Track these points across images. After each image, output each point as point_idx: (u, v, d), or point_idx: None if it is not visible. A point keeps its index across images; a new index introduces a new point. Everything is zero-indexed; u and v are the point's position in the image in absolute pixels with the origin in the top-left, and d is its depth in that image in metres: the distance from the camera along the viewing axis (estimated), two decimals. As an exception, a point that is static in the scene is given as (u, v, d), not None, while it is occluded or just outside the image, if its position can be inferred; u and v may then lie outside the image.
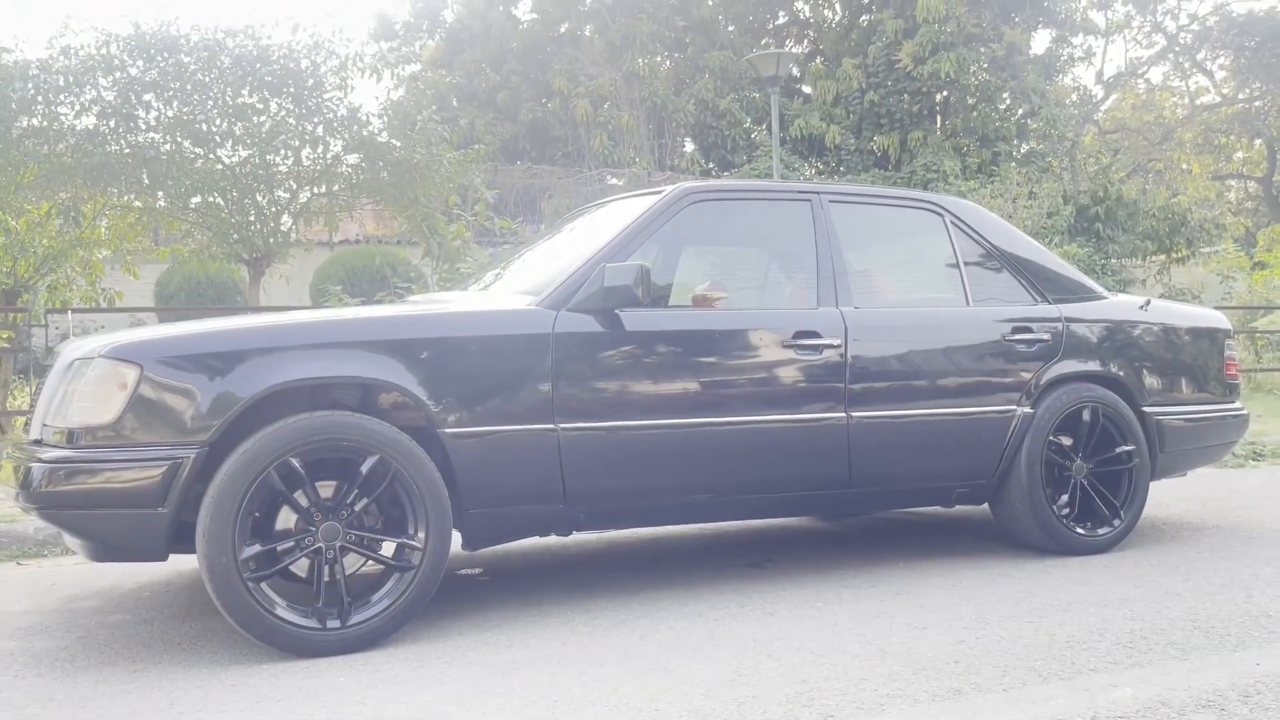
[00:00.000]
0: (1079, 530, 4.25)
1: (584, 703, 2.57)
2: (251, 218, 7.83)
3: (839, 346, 3.84)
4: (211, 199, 7.74)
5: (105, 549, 3.08)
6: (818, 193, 4.14)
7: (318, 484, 3.11)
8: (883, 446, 3.91)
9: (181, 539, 3.09)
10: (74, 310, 6.57)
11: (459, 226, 8.41)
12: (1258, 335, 14.68)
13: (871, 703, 2.51)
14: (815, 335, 3.81)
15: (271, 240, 8.10)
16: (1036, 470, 4.17)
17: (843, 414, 3.83)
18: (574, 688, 2.69)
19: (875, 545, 4.63)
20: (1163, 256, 21.50)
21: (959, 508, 4.40)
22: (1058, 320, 4.33)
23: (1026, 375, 4.20)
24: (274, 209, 7.92)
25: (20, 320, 7.55)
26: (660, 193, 3.89)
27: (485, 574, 4.15)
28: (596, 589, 3.79)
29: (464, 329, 3.37)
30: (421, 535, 3.16)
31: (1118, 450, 4.35)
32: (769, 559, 4.29)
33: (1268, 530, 4.68)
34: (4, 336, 7.47)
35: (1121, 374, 4.41)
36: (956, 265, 4.31)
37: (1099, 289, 4.65)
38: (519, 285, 3.87)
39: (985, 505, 4.32)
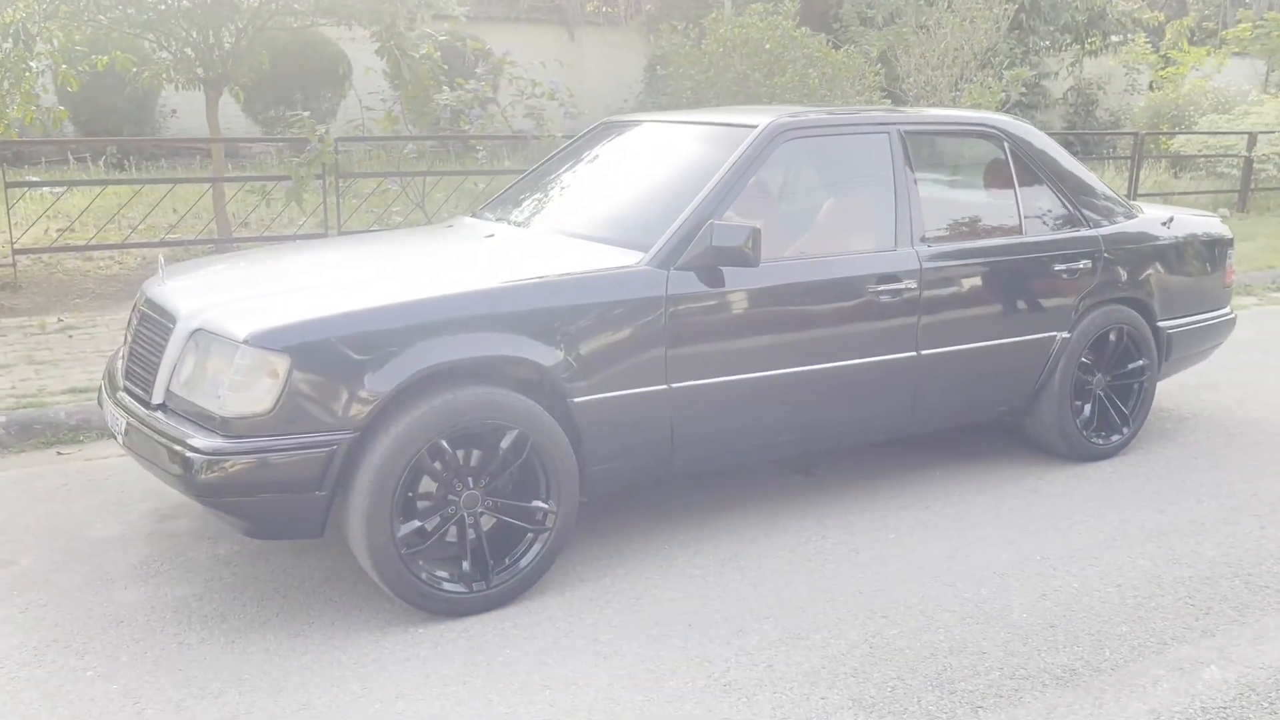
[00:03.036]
0: (1095, 440, 4.66)
1: (755, 686, 2.87)
2: (211, 40, 7.27)
3: (915, 289, 4.00)
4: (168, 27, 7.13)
5: (264, 529, 3.15)
6: (894, 124, 4.16)
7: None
8: (945, 379, 4.17)
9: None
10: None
11: (429, 46, 8.02)
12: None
13: (1007, 689, 2.87)
14: (895, 279, 3.96)
15: (230, 61, 7.58)
16: (1067, 389, 4.51)
17: (913, 352, 4.04)
18: (731, 665, 2.97)
19: (906, 450, 4.84)
20: (1078, 48, 21.67)
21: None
22: (1098, 245, 4.55)
23: (1069, 302, 4.46)
24: (233, 37, 7.35)
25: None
26: (752, 129, 3.86)
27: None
28: (679, 514, 4.03)
29: (588, 295, 3.40)
30: (554, 500, 3.32)
31: (1131, 365, 4.72)
32: (813, 465, 4.57)
33: (1234, 422, 5.18)
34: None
35: (1144, 295, 4.70)
36: (1013, 191, 4.44)
37: (1130, 206, 4.87)
38: (577, 226, 3.90)
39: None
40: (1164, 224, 4.90)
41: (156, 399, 3.22)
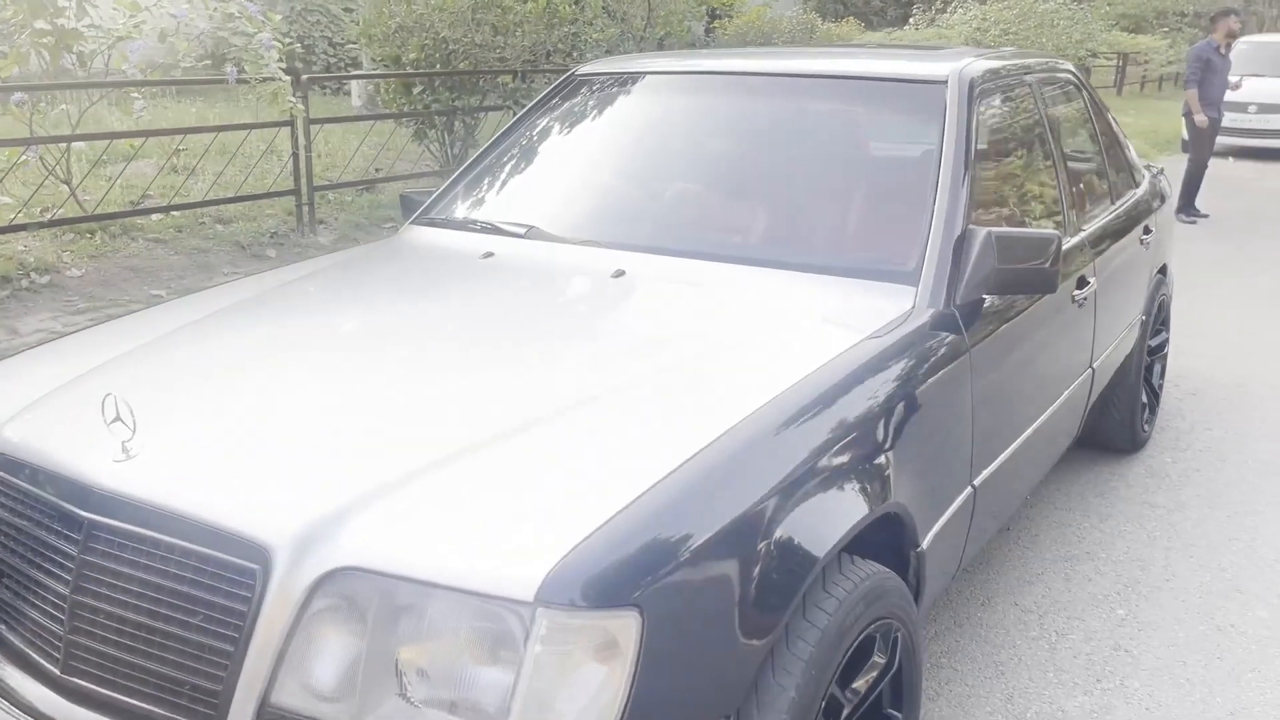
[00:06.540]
0: (1145, 426, 4.12)
1: None
2: None
3: (1094, 287, 3.11)
4: None
5: None
6: (1033, 72, 3.20)
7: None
8: (1100, 393, 3.36)
9: None
10: None
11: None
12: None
13: None
14: (1086, 281, 3.03)
15: None
16: (1140, 375, 3.92)
17: (1089, 369, 3.18)
18: None
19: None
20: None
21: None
22: (1153, 208, 3.96)
23: (1145, 277, 3.85)
24: None
25: None
26: (940, 84, 2.68)
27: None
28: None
29: (911, 376, 2.08)
30: (907, 706, 2.04)
31: (1154, 341, 4.22)
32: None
33: (1199, 383, 4.92)
34: None
35: (1169, 260, 4.22)
36: (1100, 150, 3.68)
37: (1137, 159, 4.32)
38: (748, 248, 2.52)
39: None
40: (1156, 175, 4.42)
41: (257, 706, 1.46)
